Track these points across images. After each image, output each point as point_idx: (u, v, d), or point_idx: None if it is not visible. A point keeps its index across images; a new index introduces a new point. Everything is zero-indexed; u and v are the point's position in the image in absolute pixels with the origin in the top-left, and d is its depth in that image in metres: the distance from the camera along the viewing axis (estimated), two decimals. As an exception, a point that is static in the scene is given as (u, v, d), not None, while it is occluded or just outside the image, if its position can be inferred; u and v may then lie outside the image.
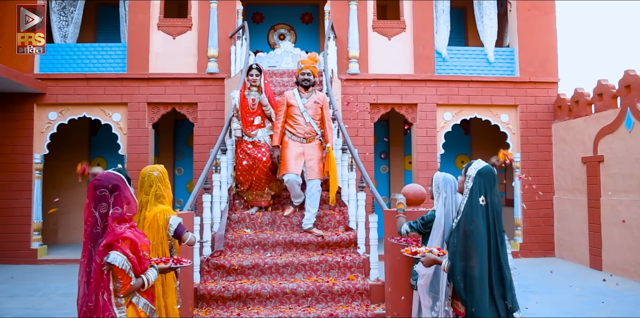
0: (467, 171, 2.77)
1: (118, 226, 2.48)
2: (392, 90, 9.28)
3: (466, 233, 2.63)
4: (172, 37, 9.28)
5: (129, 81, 9.08)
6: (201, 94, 9.09)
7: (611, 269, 7.71)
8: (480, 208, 2.65)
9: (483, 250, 2.59)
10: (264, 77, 5.67)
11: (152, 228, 3.26)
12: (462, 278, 2.61)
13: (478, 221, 2.62)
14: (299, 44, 11.21)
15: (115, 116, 9.11)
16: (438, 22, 9.63)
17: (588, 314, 5.48)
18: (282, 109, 5.41)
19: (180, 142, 11.21)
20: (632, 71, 7.49)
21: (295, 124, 5.36)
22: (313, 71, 5.43)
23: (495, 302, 2.60)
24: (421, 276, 3.59)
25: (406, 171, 11.71)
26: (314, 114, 5.40)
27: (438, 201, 3.58)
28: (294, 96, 5.42)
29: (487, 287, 2.57)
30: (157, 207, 3.33)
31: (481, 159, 2.84)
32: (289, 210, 5.50)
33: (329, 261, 4.85)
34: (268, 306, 4.57)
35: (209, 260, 4.85)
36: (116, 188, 2.54)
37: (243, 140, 5.59)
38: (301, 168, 5.28)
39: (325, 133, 5.47)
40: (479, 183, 2.69)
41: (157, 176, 3.38)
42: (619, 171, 7.64)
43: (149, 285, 2.61)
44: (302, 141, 5.35)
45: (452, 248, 2.73)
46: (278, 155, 5.38)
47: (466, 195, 2.73)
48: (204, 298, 4.56)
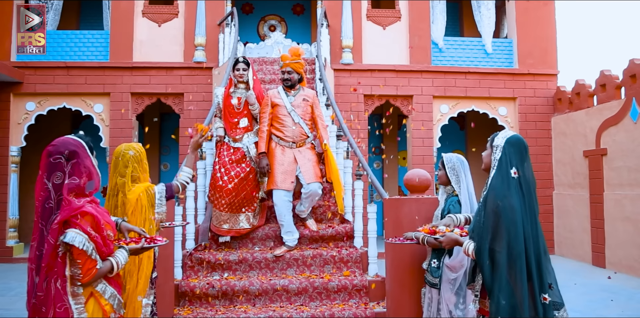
0: (494, 141, 2.38)
1: (76, 199, 2.07)
2: (387, 81, 8.92)
3: (496, 211, 2.22)
4: (157, 25, 8.87)
5: (112, 69, 8.64)
6: (188, 84, 8.67)
7: (615, 266, 7.41)
8: (512, 181, 2.25)
9: (517, 230, 2.19)
10: (253, 73, 4.89)
11: (136, 212, 2.87)
12: (491, 265, 2.21)
13: (510, 196, 2.22)
14: (289, 35, 10.80)
15: (97, 106, 8.67)
16: (434, 12, 9.31)
17: (599, 313, 5.16)
18: (267, 110, 4.62)
19: (166, 136, 10.77)
20: (637, 60, 7.20)
21: (283, 126, 4.58)
22: (295, 67, 4.62)
23: (534, 296, 2.19)
24: (453, 268, 3.19)
25: (400, 167, 11.38)
26: (303, 114, 4.62)
27: (459, 183, 3.22)
28: (279, 95, 4.66)
29: (524, 276, 2.17)
30: (136, 188, 2.94)
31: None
32: (281, 249, 4.52)
33: (324, 256, 4.46)
34: (257, 304, 4.17)
35: (192, 254, 4.44)
36: (74, 155, 2.13)
37: (225, 143, 4.77)
38: (293, 183, 4.51)
39: (319, 133, 4.72)
40: (509, 154, 2.29)
41: (134, 156, 2.97)
42: (623, 164, 7.34)
43: (119, 269, 2.20)
44: (291, 146, 4.57)
45: (477, 228, 2.31)
46: (267, 164, 4.52)
47: (494, 168, 2.33)
48: (186, 296, 4.15)
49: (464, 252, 2.37)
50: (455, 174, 3.27)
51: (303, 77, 4.75)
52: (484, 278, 2.24)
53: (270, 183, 4.52)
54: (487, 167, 2.43)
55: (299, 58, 4.65)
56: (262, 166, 4.53)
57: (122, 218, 2.69)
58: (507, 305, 2.16)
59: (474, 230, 2.36)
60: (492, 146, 2.39)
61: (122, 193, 2.91)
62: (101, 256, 2.14)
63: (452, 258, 3.25)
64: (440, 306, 3.37)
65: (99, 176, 2.27)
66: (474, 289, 2.41)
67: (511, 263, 2.17)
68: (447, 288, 3.28)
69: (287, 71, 4.63)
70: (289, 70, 4.62)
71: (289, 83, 4.64)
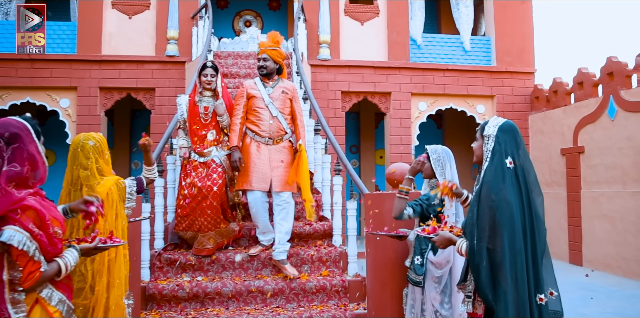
0: (484, 130, 2.18)
1: (16, 191, 1.81)
2: (364, 77, 8.77)
3: (491, 206, 2.02)
4: (127, 17, 8.52)
5: (79, 63, 8.27)
6: (159, 78, 8.36)
7: (592, 264, 7.39)
8: (507, 172, 2.06)
9: (515, 226, 2.00)
10: (221, 79, 4.37)
11: (106, 207, 2.62)
12: (487, 265, 2.00)
13: (506, 188, 2.03)
14: (265, 31, 10.53)
15: (63, 101, 8.28)
16: (413, 8, 9.20)
17: (580, 311, 5.09)
18: (242, 102, 4.19)
19: (137, 134, 10.38)
20: (614, 58, 7.20)
21: (259, 120, 4.14)
22: (272, 55, 4.18)
23: (530, 297, 2.00)
24: (439, 265, 3.02)
25: (377, 165, 11.25)
26: (281, 107, 4.19)
27: (444, 176, 3.06)
28: (256, 85, 4.22)
29: (524, 276, 1.98)
30: (106, 181, 2.70)
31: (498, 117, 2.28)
32: (256, 248, 4.26)
33: (301, 255, 4.25)
34: (230, 307, 3.94)
35: (160, 254, 4.17)
36: (15, 139, 1.87)
37: (191, 160, 4.23)
38: (269, 182, 4.08)
39: (297, 130, 4.28)
40: (503, 142, 2.10)
41: (94, 146, 2.73)
42: (600, 162, 7.33)
43: (67, 271, 1.93)
44: (267, 143, 4.14)
45: (470, 226, 2.11)
46: (240, 158, 4.09)
47: (487, 159, 2.13)
48: (154, 299, 3.89)
49: (458, 252, 2.18)
50: (441, 166, 3.11)
51: (282, 68, 4.31)
52: (479, 280, 2.04)
53: (244, 182, 4.10)
54: (479, 159, 2.23)
55: (277, 45, 4.25)
56: (234, 160, 4.09)
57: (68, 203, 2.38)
58: (512, 309, 1.96)
59: (466, 227, 2.17)
60: (482, 136, 2.20)
61: (88, 187, 2.67)
62: (47, 257, 1.87)
63: (437, 254, 3.08)
64: (424, 306, 3.19)
65: (45, 165, 1.99)
66: (465, 289, 2.23)
67: (511, 262, 1.98)
68: (432, 287, 3.11)
69: (263, 58, 4.19)
70: (265, 57, 4.19)
71: (265, 71, 4.20)
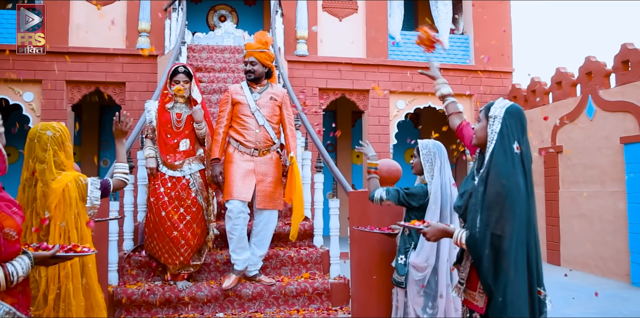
0: (490, 111, 1.99)
1: None
2: (342, 74, 8.61)
3: (500, 191, 1.85)
4: (97, 8, 8.14)
5: (44, 55, 7.84)
6: (130, 72, 8.03)
7: (570, 264, 7.39)
8: (516, 158, 1.89)
9: (523, 215, 1.85)
10: (197, 84, 3.86)
11: (62, 206, 2.38)
12: (492, 254, 1.84)
13: (516, 174, 1.86)
14: (241, 26, 10.30)
15: (26, 95, 7.88)
16: (392, 5, 9.09)
17: (563, 312, 5.02)
18: (226, 109, 3.78)
19: (106, 130, 10.01)
20: (593, 57, 7.21)
21: (244, 129, 3.73)
22: (261, 58, 3.77)
23: (532, 290, 1.87)
24: (419, 268, 2.86)
25: (354, 165, 11.11)
26: (269, 115, 3.78)
27: (432, 172, 2.90)
28: (242, 91, 3.81)
29: (523, 267, 1.84)
30: (63, 176, 2.44)
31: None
32: (230, 278, 3.72)
33: (280, 256, 4.04)
34: (205, 312, 3.70)
35: (130, 257, 3.90)
36: None
37: (160, 173, 3.77)
38: (251, 193, 3.68)
39: (287, 141, 3.88)
40: (510, 125, 1.92)
41: (53, 137, 2.46)
42: (579, 161, 7.32)
43: (15, 280, 1.67)
44: (252, 153, 3.72)
45: (472, 213, 1.93)
46: (221, 172, 3.71)
47: (492, 141, 1.94)
48: (123, 305, 3.62)
49: (456, 243, 2.00)
50: (430, 162, 2.95)
51: (272, 72, 3.89)
52: (482, 270, 1.88)
53: (225, 193, 3.69)
54: (481, 141, 2.04)
55: (266, 47, 3.82)
56: (215, 175, 3.70)
57: None
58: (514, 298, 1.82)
59: (468, 213, 1.98)
60: (487, 117, 2.01)
61: (43, 183, 2.40)
62: None
63: (417, 253, 2.92)
64: (407, 309, 3.03)
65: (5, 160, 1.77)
66: (459, 272, 2.09)
67: (515, 251, 1.83)
68: (414, 290, 2.95)
69: (251, 61, 3.78)
70: (253, 60, 3.78)
71: (252, 76, 3.79)
